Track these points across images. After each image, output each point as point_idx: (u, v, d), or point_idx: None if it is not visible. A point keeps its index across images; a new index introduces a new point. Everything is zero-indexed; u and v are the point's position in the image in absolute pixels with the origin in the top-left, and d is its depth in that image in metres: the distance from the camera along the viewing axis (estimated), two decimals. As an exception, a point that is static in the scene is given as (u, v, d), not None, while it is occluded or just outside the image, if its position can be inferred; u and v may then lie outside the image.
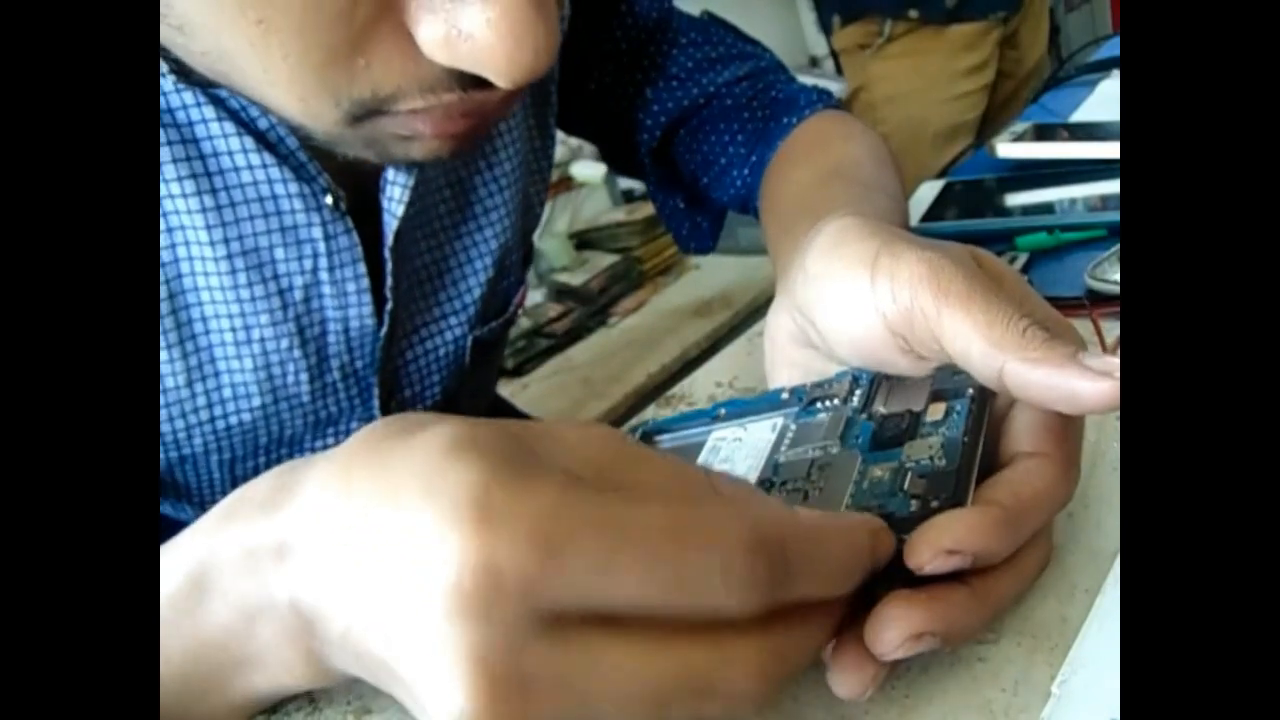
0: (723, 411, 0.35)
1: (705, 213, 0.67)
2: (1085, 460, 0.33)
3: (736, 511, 0.22)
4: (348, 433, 0.50)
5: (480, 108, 0.31)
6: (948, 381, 0.30)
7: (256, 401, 0.46)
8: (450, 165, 0.50)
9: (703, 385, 0.45)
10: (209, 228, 0.41)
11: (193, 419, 0.46)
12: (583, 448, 0.23)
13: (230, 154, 0.41)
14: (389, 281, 0.47)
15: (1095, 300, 0.44)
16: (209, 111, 0.40)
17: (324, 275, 0.45)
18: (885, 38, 1.64)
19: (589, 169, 2.03)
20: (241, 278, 0.43)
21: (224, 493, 0.47)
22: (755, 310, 1.82)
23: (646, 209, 2.09)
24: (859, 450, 0.30)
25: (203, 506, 0.48)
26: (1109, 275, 0.45)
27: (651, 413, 0.44)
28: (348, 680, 0.31)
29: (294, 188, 0.42)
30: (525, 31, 0.26)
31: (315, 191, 0.43)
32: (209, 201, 0.41)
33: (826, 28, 1.78)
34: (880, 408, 0.31)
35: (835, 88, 1.99)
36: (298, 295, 0.44)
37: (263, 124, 0.41)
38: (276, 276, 0.44)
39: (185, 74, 0.35)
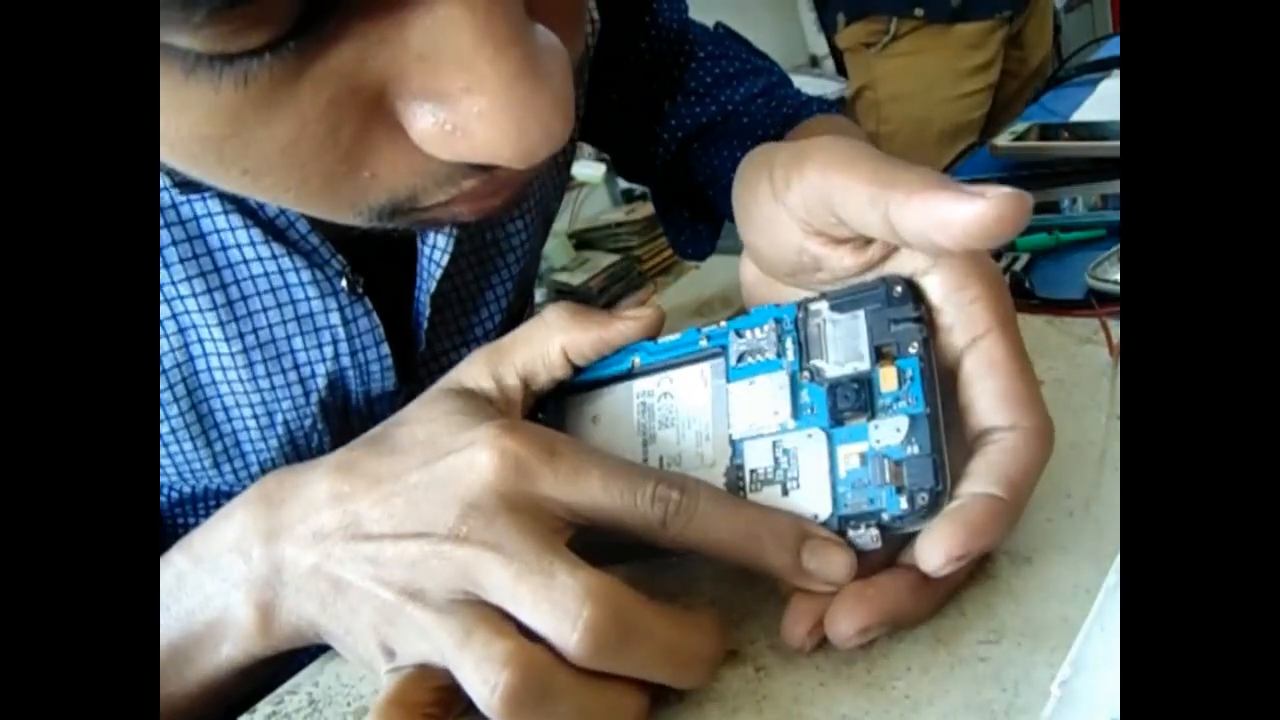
0: (636, 361, 0.33)
1: (707, 222, 0.67)
2: (1086, 460, 0.33)
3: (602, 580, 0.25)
4: None
5: (508, 182, 0.28)
6: (885, 334, 0.29)
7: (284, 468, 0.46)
8: None
9: (703, 385, 0.45)
10: (222, 324, 0.40)
11: (221, 488, 0.46)
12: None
13: (239, 247, 0.39)
14: (424, 325, 0.46)
15: (1101, 301, 0.44)
16: (214, 205, 0.38)
17: (345, 360, 0.43)
18: (890, 36, 1.64)
19: (589, 169, 2.03)
20: (260, 369, 0.42)
21: None
22: (755, 310, 1.82)
23: (646, 209, 2.09)
24: (819, 426, 0.29)
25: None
26: (1109, 275, 0.45)
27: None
28: (348, 681, 0.32)
29: (306, 275, 0.41)
30: (525, 114, 0.22)
31: (329, 276, 0.41)
32: (220, 298, 0.40)
33: (830, 26, 1.78)
34: (821, 364, 0.30)
35: (835, 87, 1.99)
36: (320, 382, 0.43)
37: (270, 211, 0.39)
38: (297, 366, 0.43)
39: (188, 183, 0.35)
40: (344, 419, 0.46)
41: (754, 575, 0.28)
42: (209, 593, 0.30)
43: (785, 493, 0.28)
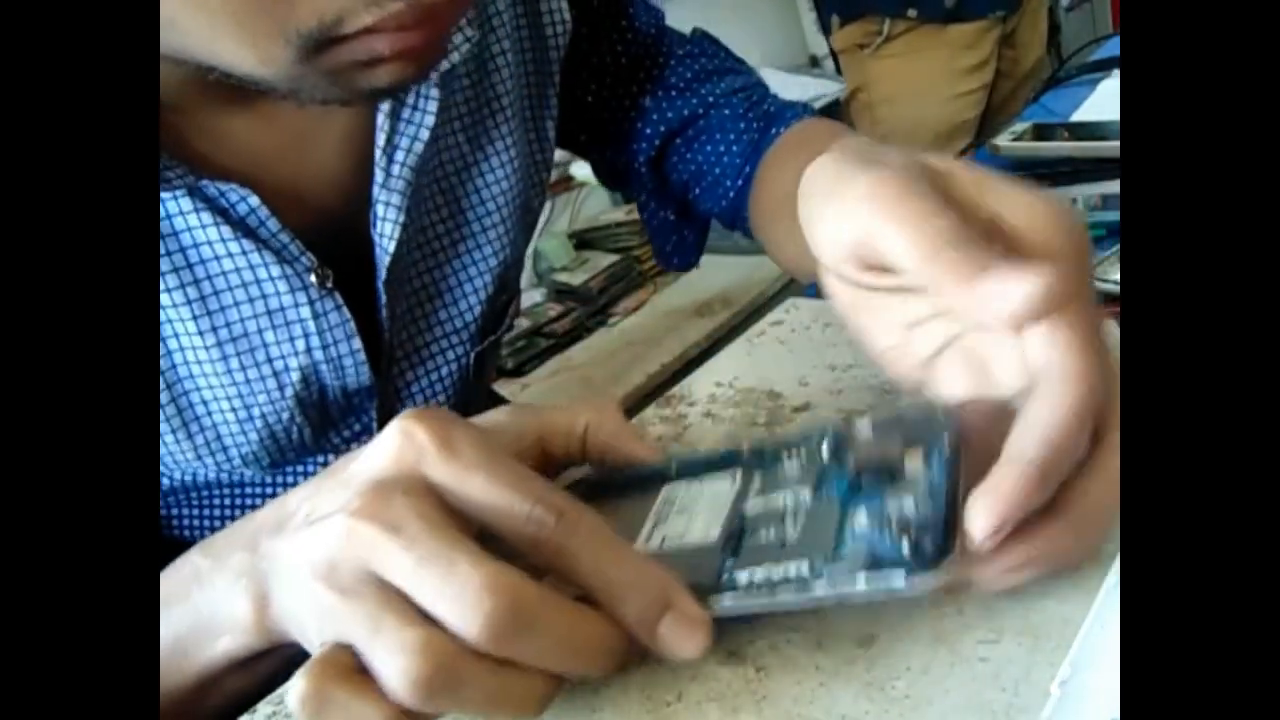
0: (674, 466, 0.33)
1: (692, 226, 0.67)
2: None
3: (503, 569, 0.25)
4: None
5: (429, 14, 0.32)
6: (922, 429, 0.29)
7: (266, 461, 0.47)
8: (444, 185, 0.49)
9: (703, 385, 0.45)
10: (195, 318, 0.42)
11: (203, 476, 0.47)
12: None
13: (210, 244, 0.40)
14: (384, 313, 0.46)
15: (1101, 301, 0.44)
16: (185, 204, 0.39)
17: (318, 354, 0.44)
18: (884, 37, 1.65)
19: (589, 169, 2.03)
20: (234, 363, 0.43)
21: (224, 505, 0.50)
22: (755, 310, 1.82)
23: (647, 209, 2.09)
24: (836, 498, 0.28)
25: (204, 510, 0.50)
26: (1109, 275, 0.45)
27: (652, 412, 0.44)
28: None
29: (275, 270, 0.42)
30: None
31: (299, 272, 0.42)
32: (193, 293, 0.41)
33: (826, 27, 1.78)
34: (852, 459, 0.30)
35: (835, 87, 1.99)
36: (294, 376, 0.44)
37: (241, 210, 0.40)
38: (270, 360, 0.44)
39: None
40: (322, 412, 0.47)
41: None
42: (219, 587, 0.30)
43: (783, 545, 0.28)
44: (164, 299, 0.41)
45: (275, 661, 0.31)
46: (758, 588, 0.27)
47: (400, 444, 0.27)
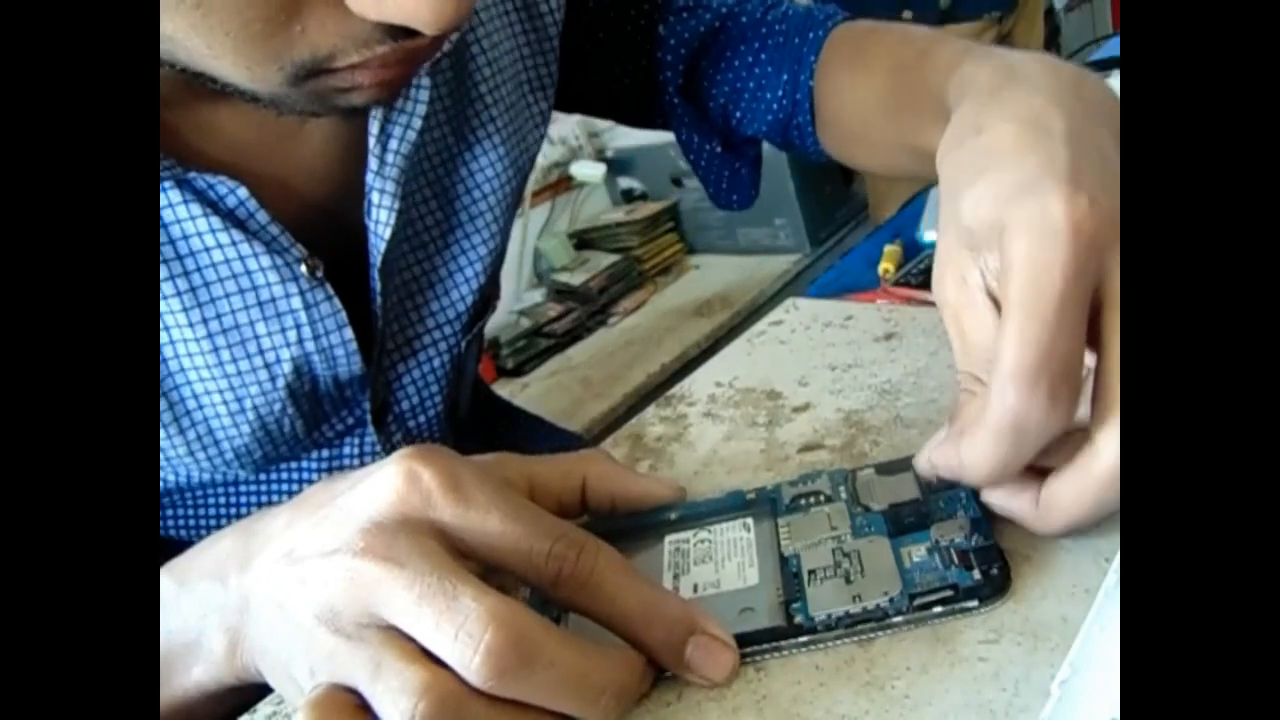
0: (672, 516, 0.34)
1: (742, 158, 0.64)
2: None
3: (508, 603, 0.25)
4: (345, 453, 0.51)
5: (412, 54, 0.34)
6: (932, 479, 0.32)
7: (258, 455, 0.47)
8: (430, 177, 0.49)
9: (702, 385, 0.45)
10: (186, 310, 0.42)
11: (196, 477, 0.47)
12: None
13: (199, 235, 0.41)
14: (378, 300, 0.47)
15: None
16: (174, 196, 0.40)
17: (310, 345, 0.45)
18: None
19: (589, 169, 2.03)
20: (225, 354, 0.43)
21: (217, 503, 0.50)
22: (755, 310, 1.82)
23: (646, 209, 2.09)
24: (881, 537, 0.30)
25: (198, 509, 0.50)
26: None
27: (652, 412, 0.44)
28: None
29: (266, 261, 0.42)
30: None
31: (289, 262, 0.43)
32: (183, 284, 0.41)
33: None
34: (873, 504, 0.32)
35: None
36: (286, 367, 0.44)
37: (231, 202, 0.41)
38: (261, 351, 0.44)
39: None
40: (314, 403, 0.47)
41: None
42: (187, 616, 0.30)
43: (849, 581, 0.29)
44: None
45: (247, 692, 0.31)
46: (836, 624, 0.28)
47: (404, 486, 0.27)
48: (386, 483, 0.27)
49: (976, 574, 0.28)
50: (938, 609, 0.27)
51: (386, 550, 0.26)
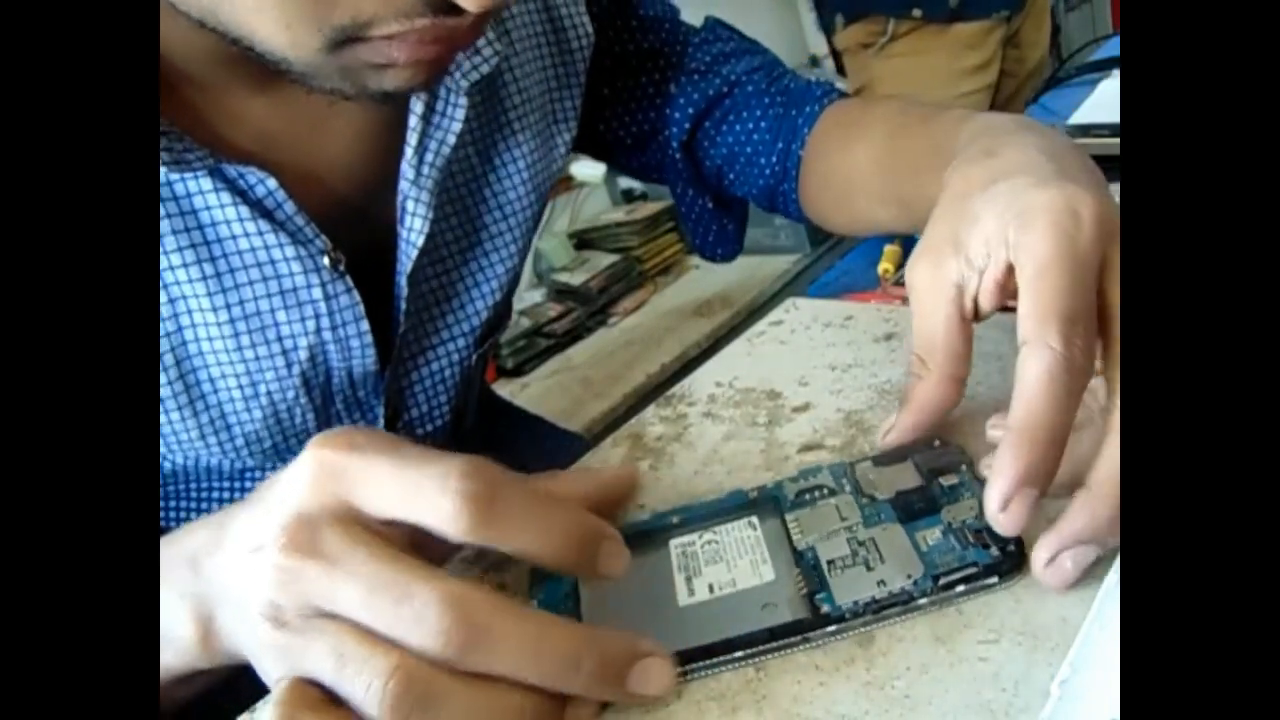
0: (675, 520, 0.34)
1: (731, 216, 0.68)
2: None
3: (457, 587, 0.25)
4: None
5: (450, 34, 0.34)
6: (937, 460, 0.33)
7: (268, 444, 0.47)
8: (453, 195, 0.51)
9: (702, 385, 0.45)
10: (210, 294, 0.43)
11: (206, 461, 0.47)
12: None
13: (227, 223, 0.42)
14: (401, 306, 0.48)
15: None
16: (205, 183, 0.41)
17: (327, 335, 0.46)
18: (888, 37, 1.64)
19: (589, 169, 2.03)
20: (245, 340, 0.44)
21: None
22: (755, 310, 1.82)
23: (646, 209, 2.09)
24: (893, 524, 0.31)
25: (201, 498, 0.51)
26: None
27: (652, 412, 0.44)
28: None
29: (290, 251, 0.43)
30: None
31: (312, 254, 0.44)
32: (209, 270, 0.42)
33: (829, 27, 1.78)
34: (878, 494, 0.32)
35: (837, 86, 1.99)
36: (302, 355, 0.45)
37: (260, 191, 0.42)
38: (280, 338, 0.45)
39: (180, 162, 0.38)
40: (326, 395, 0.48)
41: None
42: (161, 600, 0.30)
43: (870, 568, 0.29)
44: (180, 275, 0.42)
45: (213, 676, 0.31)
46: (864, 610, 0.28)
47: (314, 469, 0.27)
48: (300, 473, 0.27)
49: (995, 551, 0.29)
50: (960, 588, 0.28)
51: (312, 544, 0.26)
